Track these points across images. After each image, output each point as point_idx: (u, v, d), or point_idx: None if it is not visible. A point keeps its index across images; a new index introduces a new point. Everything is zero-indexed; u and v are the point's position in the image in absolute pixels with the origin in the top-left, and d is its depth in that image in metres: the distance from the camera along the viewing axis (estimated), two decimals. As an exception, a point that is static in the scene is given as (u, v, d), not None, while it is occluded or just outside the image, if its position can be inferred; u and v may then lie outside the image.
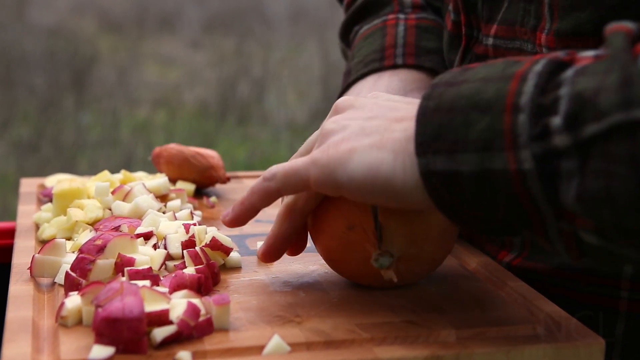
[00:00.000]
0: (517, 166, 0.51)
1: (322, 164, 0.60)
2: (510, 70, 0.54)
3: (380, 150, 0.58)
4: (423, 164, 0.56)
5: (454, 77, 0.57)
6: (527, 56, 0.56)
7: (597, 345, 0.60)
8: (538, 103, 0.51)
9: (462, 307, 0.65)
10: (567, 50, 0.54)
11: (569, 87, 0.50)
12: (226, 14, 6.18)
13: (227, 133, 3.98)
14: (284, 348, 0.57)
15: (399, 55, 0.87)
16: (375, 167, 0.58)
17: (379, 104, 0.63)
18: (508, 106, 0.52)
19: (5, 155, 3.53)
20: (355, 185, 0.58)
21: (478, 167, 0.53)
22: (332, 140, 0.61)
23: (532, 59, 0.54)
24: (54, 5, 6.19)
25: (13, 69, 4.68)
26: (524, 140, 0.51)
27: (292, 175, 0.62)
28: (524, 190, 0.52)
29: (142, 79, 4.77)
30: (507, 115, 0.52)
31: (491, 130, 0.52)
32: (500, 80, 0.53)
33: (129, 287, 0.58)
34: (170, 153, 0.93)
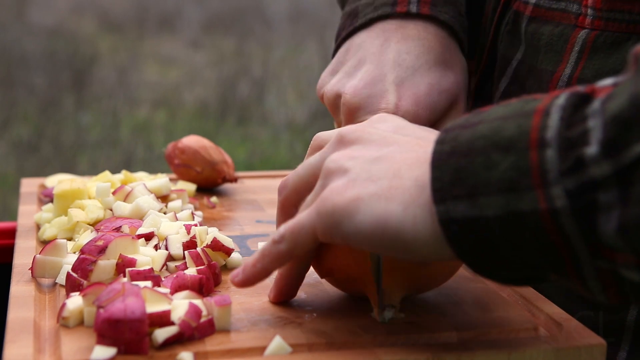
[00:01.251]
0: (548, 205, 0.48)
1: (327, 214, 0.56)
2: (529, 106, 0.51)
3: (388, 201, 0.54)
4: (442, 211, 0.52)
5: (468, 120, 0.54)
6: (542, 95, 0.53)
7: (598, 346, 0.60)
8: (566, 136, 0.48)
9: (463, 309, 0.65)
10: (586, 85, 0.52)
11: (599, 118, 0.47)
12: (226, 14, 6.18)
13: (227, 133, 3.98)
14: (286, 349, 0.57)
15: (414, 1, 0.79)
16: (383, 220, 0.54)
17: (387, 139, 0.58)
18: (533, 142, 0.49)
19: (5, 155, 3.53)
20: (362, 237, 0.55)
21: (503, 210, 0.50)
22: (336, 185, 0.57)
23: (551, 95, 0.52)
24: (54, 5, 6.19)
25: (13, 69, 4.68)
26: (554, 176, 0.48)
27: (300, 233, 0.58)
28: (556, 229, 0.49)
29: (142, 79, 4.77)
30: (532, 152, 0.49)
31: (516, 170, 0.49)
32: (521, 117, 0.50)
33: (131, 288, 0.58)
34: (187, 142, 0.95)
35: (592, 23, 0.72)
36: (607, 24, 0.71)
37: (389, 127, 0.61)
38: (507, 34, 0.81)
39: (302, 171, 0.62)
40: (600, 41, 0.71)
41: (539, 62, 0.76)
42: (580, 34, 0.73)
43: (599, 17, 0.71)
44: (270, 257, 0.60)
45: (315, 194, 0.59)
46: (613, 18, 0.70)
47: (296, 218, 0.59)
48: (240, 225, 0.84)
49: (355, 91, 0.75)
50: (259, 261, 0.61)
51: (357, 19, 0.80)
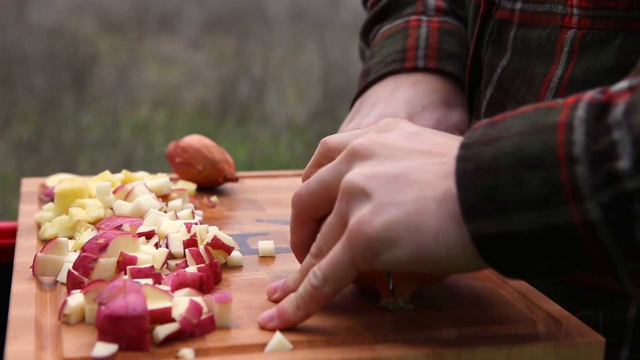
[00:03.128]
0: (583, 218, 0.50)
1: (362, 246, 0.56)
2: (549, 119, 0.52)
3: (418, 232, 0.55)
4: (473, 229, 0.53)
5: (486, 134, 0.54)
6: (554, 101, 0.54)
7: (597, 344, 0.60)
8: (594, 151, 0.49)
9: (463, 306, 0.65)
10: (597, 89, 0.53)
11: (625, 130, 0.49)
12: (226, 14, 6.19)
13: (227, 133, 3.98)
14: (286, 346, 0.57)
15: (421, 57, 0.86)
16: (419, 252, 0.55)
17: (403, 151, 0.58)
18: (561, 159, 0.50)
19: (5, 155, 3.54)
20: (403, 266, 0.56)
21: (537, 225, 0.51)
22: (362, 213, 0.56)
23: (568, 104, 0.52)
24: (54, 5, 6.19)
25: (13, 69, 4.68)
26: (588, 191, 0.49)
27: (341, 271, 0.58)
28: (592, 239, 0.50)
29: (142, 79, 4.77)
30: (562, 169, 0.50)
31: (547, 186, 0.50)
32: (543, 132, 0.51)
33: (132, 285, 0.58)
34: (189, 141, 0.95)
35: (579, 22, 0.72)
36: (594, 22, 0.71)
37: (399, 136, 0.60)
38: (492, 43, 0.82)
39: (316, 186, 0.63)
40: (588, 40, 0.72)
41: (530, 66, 0.77)
42: (568, 34, 0.73)
43: (585, 16, 0.72)
44: (314, 301, 0.59)
45: (340, 218, 0.59)
46: (599, 16, 0.71)
47: (331, 256, 0.58)
48: (241, 224, 0.85)
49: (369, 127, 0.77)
50: (301, 308, 0.59)
51: (370, 76, 0.87)
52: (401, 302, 0.63)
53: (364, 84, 0.88)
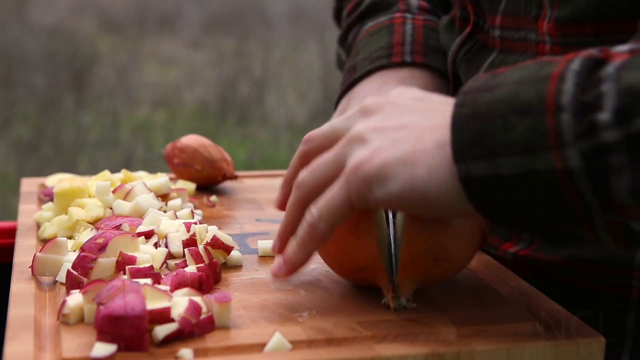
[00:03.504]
0: (564, 164, 0.52)
1: (359, 182, 0.59)
2: (545, 71, 0.54)
3: (413, 166, 0.57)
4: (462, 170, 0.55)
5: (486, 82, 0.56)
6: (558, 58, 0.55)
7: (597, 344, 0.60)
8: (581, 101, 0.51)
9: (462, 305, 0.65)
10: (600, 47, 0.54)
11: (613, 83, 0.50)
12: (226, 14, 6.19)
13: (227, 133, 3.98)
14: (285, 345, 0.57)
15: (407, 52, 0.87)
16: (410, 184, 0.57)
17: (409, 108, 0.61)
18: (549, 106, 0.52)
19: (5, 155, 3.54)
20: (394, 200, 0.58)
21: (521, 169, 0.53)
22: (362, 153, 0.59)
23: (566, 59, 0.54)
24: (54, 5, 6.19)
25: (13, 69, 4.68)
26: (570, 138, 0.51)
27: (336, 207, 0.60)
28: (571, 187, 0.52)
29: (142, 79, 4.77)
30: (549, 116, 0.52)
31: (533, 132, 0.52)
32: (537, 82, 0.53)
33: (131, 285, 0.58)
34: (187, 141, 0.95)
35: (552, 49, 0.73)
36: (566, 49, 0.71)
37: (409, 98, 0.63)
38: (465, 61, 0.82)
39: (328, 132, 0.65)
40: None
41: None
42: None
43: (556, 43, 0.72)
44: (312, 239, 0.61)
45: (336, 159, 0.61)
46: (570, 43, 0.71)
47: (328, 195, 0.60)
48: (240, 224, 0.85)
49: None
50: (300, 247, 0.62)
51: (356, 72, 0.88)
52: (404, 301, 0.63)
53: (350, 81, 0.88)
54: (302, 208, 0.63)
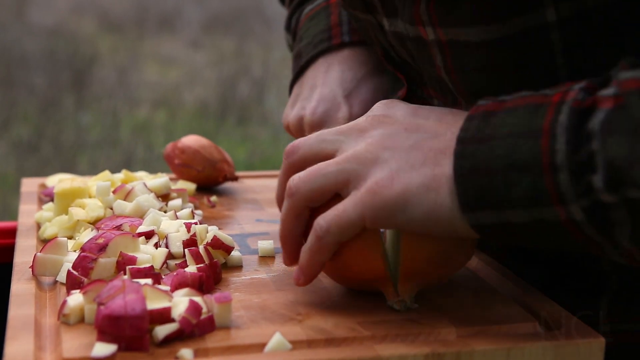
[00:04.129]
0: (568, 216, 0.54)
1: (378, 207, 0.59)
2: (535, 123, 0.55)
3: (437, 192, 0.58)
4: (472, 218, 0.57)
5: (480, 129, 0.57)
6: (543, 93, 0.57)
7: (597, 344, 0.60)
8: (575, 161, 0.53)
9: (462, 306, 0.65)
10: (584, 83, 0.55)
11: (600, 146, 0.52)
12: (226, 14, 6.19)
13: (227, 133, 3.98)
14: (285, 346, 0.57)
15: (345, 32, 0.89)
16: (435, 213, 0.58)
17: (411, 125, 0.62)
18: (546, 166, 0.53)
19: (5, 155, 3.54)
20: (415, 225, 0.59)
21: (528, 219, 0.55)
22: (380, 176, 0.59)
23: (553, 103, 0.55)
24: (54, 5, 6.19)
25: (13, 69, 4.68)
26: (570, 197, 0.53)
27: (346, 225, 0.60)
28: (579, 232, 0.55)
29: (142, 79, 4.77)
30: (547, 176, 0.54)
31: (535, 190, 0.54)
32: (530, 137, 0.54)
33: (131, 285, 0.58)
34: (187, 141, 0.95)
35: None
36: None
37: (403, 113, 0.63)
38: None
39: (315, 143, 0.64)
40: None
41: None
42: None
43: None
44: (321, 251, 0.62)
45: (340, 173, 0.61)
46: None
47: (339, 211, 0.60)
48: (240, 224, 0.85)
49: (313, 111, 0.85)
50: (312, 258, 0.62)
51: (302, 59, 0.91)
52: (408, 303, 0.63)
53: (298, 68, 0.91)
54: (297, 215, 0.63)
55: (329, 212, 0.60)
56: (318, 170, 0.62)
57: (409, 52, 0.74)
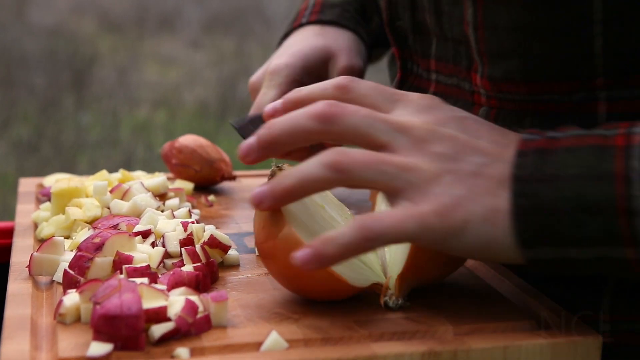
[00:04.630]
0: (638, 257, 0.54)
1: (438, 229, 0.56)
2: (605, 166, 0.54)
3: (494, 225, 0.57)
4: (530, 253, 0.56)
5: (539, 169, 0.56)
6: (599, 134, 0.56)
7: (594, 342, 0.60)
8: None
9: (459, 303, 0.65)
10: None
11: None
12: (226, 14, 6.19)
13: (227, 133, 3.98)
14: (282, 344, 0.57)
15: (306, 15, 0.98)
16: (491, 244, 0.57)
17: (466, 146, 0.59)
18: (621, 211, 0.53)
19: (5, 155, 3.54)
20: (465, 253, 0.58)
21: (593, 256, 0.55)
22: (444, 201, 0.56)
23: (619, 147, 0.54)
24: (54, 5, 6.19)
25: (13, 69, 4.68)
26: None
27: (401, 237, 0.56)
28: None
29: (142, 79, 4.77)
30: (621, 219, 0.54)
31: (606, 232, 0.54)
32: (601, 181, 0.54)
33: (127, 285, 0.58)
34: (184, 141, 0.95)
35: (489, 102, 0.73)
36: (502, 103, 0.71)
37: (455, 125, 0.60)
38: None
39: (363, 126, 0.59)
40: (501, 117, 0.72)
41: None
42: (480, 111, 0.74)
43: (492, 97, 0.72)
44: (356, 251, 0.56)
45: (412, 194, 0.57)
46: (505, 98, 0.71)
47: (396, 219, 0.56)
48: (238, 223, 0.85)
49: (256, 73, 0.95)
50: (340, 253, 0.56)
51: (279, 41, 1.00)
52: (401, 301, 0.63)
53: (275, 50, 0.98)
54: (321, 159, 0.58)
55: (384, 218, 0.56)
56: (376, 163, 0.57)
57: (437, 8, 0.74)
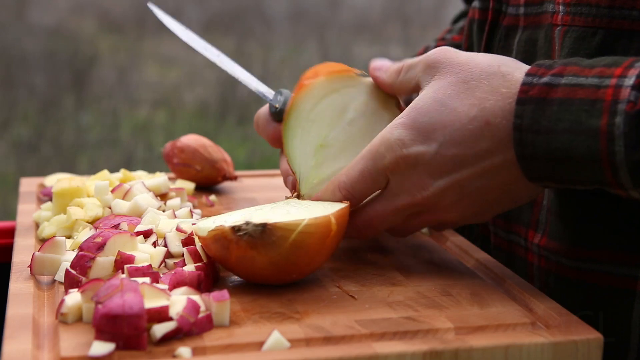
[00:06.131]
0: (627, 193, 0.63)
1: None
2: (591, 122, 0.61)
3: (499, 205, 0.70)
4: (540, 185, 0.66)
5: (535, 120, 0.63)
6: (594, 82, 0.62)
7: (595, 341, 0.60)
8: (632, 160, 0.60)
9: (460, 303, 0.65)
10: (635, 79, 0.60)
11: None
12: (226, 14, 6.18)
13: (227, 133, 3.98)
14: (284, 344, 0.57)
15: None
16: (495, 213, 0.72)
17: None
18: (605, 164, 0.60)
19: (5, 155, 3.54)
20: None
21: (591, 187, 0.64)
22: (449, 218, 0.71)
23: (607, 101, 0.60)
24: (54, 5, 6.19)
25: (13, 69, 4.68)
26: (629, 186, 0.61)
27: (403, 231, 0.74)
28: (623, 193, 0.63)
29: (142, 79, 4.77)
30: (607, 171, 0.61)
31: (595, 180, 0.62)
32: (587, 136, 0.61)
33: (129, 284, 0.58)
34: (186, 141, 0.95)
35: (562, 19, 0.74)
36: (574, 19, 0.72)
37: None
38: (500, 49, 0.84)
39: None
40: (568, 36, 0.73)
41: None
42: (555, 32, 0.74)
43: (567, 13, 0.73)
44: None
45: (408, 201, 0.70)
46: (579, 12, 0.72)
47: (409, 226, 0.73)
48: (239, 223, 0.85)
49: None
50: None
51: None
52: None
53: None
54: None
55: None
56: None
57: None
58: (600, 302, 0.73)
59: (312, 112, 0.75)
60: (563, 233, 0.75)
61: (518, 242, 0.81)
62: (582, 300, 0.73)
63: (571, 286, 0.74)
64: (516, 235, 0.81)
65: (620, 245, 0.72)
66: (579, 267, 0.74)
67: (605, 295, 0.72)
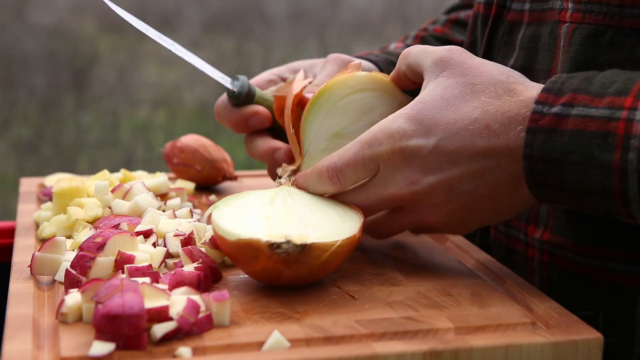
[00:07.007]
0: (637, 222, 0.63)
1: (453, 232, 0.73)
2: (603, 156, 0.60)
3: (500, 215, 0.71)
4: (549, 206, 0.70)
5: (546, 151, 0.63)
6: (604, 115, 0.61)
7: (595, 341, 0.60)
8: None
9: (460, 303, 0.65)
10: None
11: None
12: (226, 14, 6.18)
13: (227, 133, 3.98)
14: (284, 344, 0.57)
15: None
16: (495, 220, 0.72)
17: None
18: (618, 197, 0.61)
19: (5, 155, 3.53)
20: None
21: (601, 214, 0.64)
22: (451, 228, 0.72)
23: (619, 135, 0.60)
24: (54, 5, 6.19)
25: (13, 69, 4.68)
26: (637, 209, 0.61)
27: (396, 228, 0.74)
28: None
29: (142, 79, 4.77)
30: (620, 208, 0.62)
31: (606, 210, 0.63)
32: (600, 170, 0.61)
33: (129, 284, 0.58)
34: (187, 140, 0.95)
35: (571, 16, 0.74)
36: (584, 16, 0.73)
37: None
38: (503, 44, 0.84)
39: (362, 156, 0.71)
40: (576, 34, 0.73)
41: (537, 63, 0.79)
42: (562, 29, 0.74)
43: (577, 10, 0.73)
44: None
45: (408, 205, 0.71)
46: (590, 10, 0.72)
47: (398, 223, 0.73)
48: (239, 223, 0.84)
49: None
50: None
51: None
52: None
53: None
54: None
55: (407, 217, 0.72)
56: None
57: None
58: (603, 299, 0.73)
59: (342, 100, 0.75)
60: (568, 228, 0.75)
61: (518, 236, 0.81)
62: (586, 296, 0.73)
63: (576, 281, 0.74)
64: (516, 230, 0.81)
65: (626, 242, 0.72)
66: (585, 263, 0.74)
67: (609, 292, 0.72)
